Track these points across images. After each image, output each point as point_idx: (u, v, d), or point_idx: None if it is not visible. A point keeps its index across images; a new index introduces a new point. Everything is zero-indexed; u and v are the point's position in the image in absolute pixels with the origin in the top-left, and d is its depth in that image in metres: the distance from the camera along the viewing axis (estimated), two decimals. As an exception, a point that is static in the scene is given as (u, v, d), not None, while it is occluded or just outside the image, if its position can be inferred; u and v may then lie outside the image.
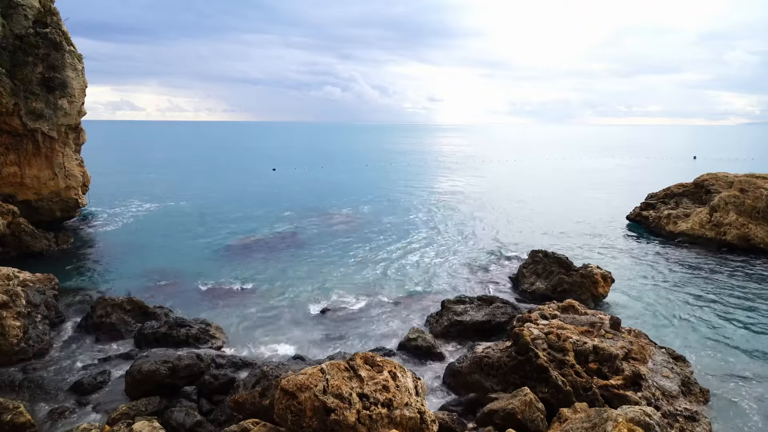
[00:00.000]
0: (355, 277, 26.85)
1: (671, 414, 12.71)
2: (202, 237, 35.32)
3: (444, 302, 21.54)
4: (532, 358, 14.17)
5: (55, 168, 33.82)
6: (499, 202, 50.89)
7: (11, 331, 16.95)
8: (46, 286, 21.09)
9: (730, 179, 35.91)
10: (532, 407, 12.53)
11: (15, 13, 30.75)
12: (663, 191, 40.32)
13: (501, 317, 20.19)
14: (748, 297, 23.67)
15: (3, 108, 29.88)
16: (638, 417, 10.62)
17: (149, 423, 12.15)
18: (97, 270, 27.70)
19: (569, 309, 18.05)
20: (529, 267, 25.90)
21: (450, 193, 58.14)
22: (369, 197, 54.10)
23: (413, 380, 12.13)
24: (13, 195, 32.26)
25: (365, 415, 10.51)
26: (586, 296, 22.57)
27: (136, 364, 15.51)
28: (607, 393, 13.24)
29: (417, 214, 44.89)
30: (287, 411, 10.67)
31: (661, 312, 22.02)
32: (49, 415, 14.06)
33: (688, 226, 34.08)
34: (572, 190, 60.94)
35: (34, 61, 31.21)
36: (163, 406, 14.10)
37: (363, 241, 34.63)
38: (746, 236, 31.22)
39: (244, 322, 20.84)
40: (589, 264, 24.61)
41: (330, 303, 22.89)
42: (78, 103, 33.93)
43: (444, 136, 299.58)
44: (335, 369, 11.34)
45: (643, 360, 14.74)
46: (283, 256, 30.45)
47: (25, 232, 29.35)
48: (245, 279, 26.00)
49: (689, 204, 37.18)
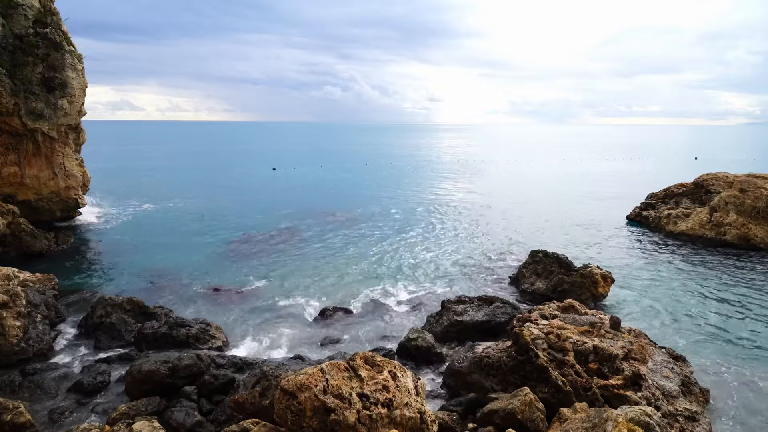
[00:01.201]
0: (355, 277, 26.86)
1: (671, 414, 12.71)
2: (202, 237, 35.32)
3: (444, 302, 21.54)
4: (532, 358, 14.17)
5: (55, 168, 33.82)
6: (498, 202, 50.89)
7: (11, 331, 16.95)
8: (46, 286, 21.10)
9: (730, 179, 35.91)
10: (532, 407, 12.53)
11: (15, 13, 30.75)
12: (663, 191, 40.35)
13: (501, 317, 20.18)
14: (748, 297, 23.67)
15: (3, 108, 29.88)
16: (638, 417, 10.62)
17: (149, 423, 12.15)
18: (97, 270, 27.71)
19: (569, 309, 18.06)
20: (529, 267, 25.90)
21: (450, 193, 58.14)
22: (369, 197, 54.10)
23: (413, 380, 12.14)
24: (13, 195, 32.26)
25: (365, 415, 10.52)
26: (586, 296, 22.57)
27: (136, 364, 15.51)
28: (607, 393, 13.24)
29: (417, 213, 44.89)
30: (287, 411, 10.67)
31: (661, 312, 22.03)
32: (49, 415, 14.06)
33: (688, 226, 34.08)
34: (572, 190, 60.94)
35: (34, 61, 31.21)
36: (163, 406, 14.09)
37: (363, 240, 34.63)
38: (746, 236, 31.23)
39: (244, 322, 20.84)
40: (589, 264, 24.62)
41: (330, 303, 22.89)
42: (78, 103, 33.92)
43: (444, 136, 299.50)
44: (335, 369, 11.34)
45: (643, 360, 14.75)
46: (283, 256, 30.46)
47: (25, 232, 29.34)
48: (245, 279, 26.01)
49: (689, 204, 37.18)
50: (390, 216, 43.72)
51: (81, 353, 18.00)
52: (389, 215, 44.07)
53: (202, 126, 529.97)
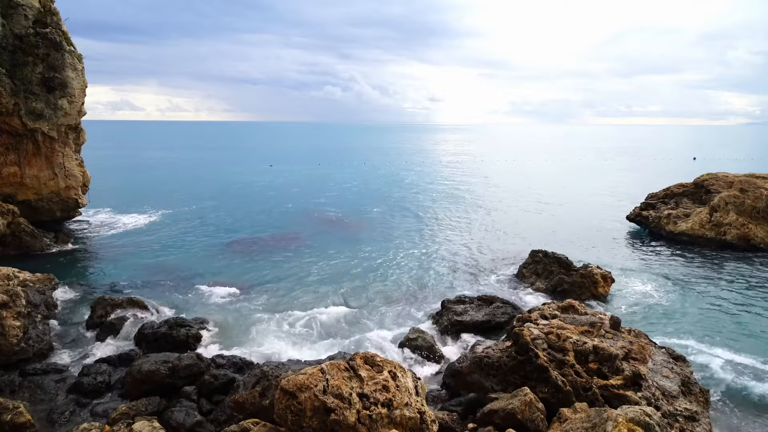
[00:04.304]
0: (356, 276, 26.84)
1: (671, 414, 12.70)
2: (202, 236, 35.32)
3: (444, 302, 21.54)
4: (532, 358, 14.17)
5: (55, 168, 33.80)
6: (499, 202, 50.89)
7: (11, 331, 16.94)
8: (46, 286, 21.10)
9: (730, 179, 35.88)
10: (532, 407, 12.53)
11: (15, 13, 30.72)
12: (663, 191, 40.29)
13: (501, 317, 20.19)
14: (748, 297, 23.66)
15: (3, 108, 29.87)
16: (638, 417, 10.62)
17: (149, 423, 12.16)
18: (97, 270, 27.70)
19: (569, 309, 18.04)
20: (529, 267, 25.91)
21: (449, 192, 58.13)
22: (368, 196, 54.10)
23: (413, 380, 12.14)
24: (13, 195, 32.23)
25: (365, 415, 10.51)
26: (586, 296, 22.58)
27: (136, 364, 15.51)
28: (607, 393, 13.23)
29: (417, 213, 44.88)
30: (287, 411, 10.67)
31: (661, 312, 22.02)
32: (49, 415, 14.06)
33: (688, 226, 34.06)
34: (572, 189, 60.94)
35: (34, 61, 31.19)
36: (163, 406, 14.09)
37: (363, 240, 34.63)
38: (746, 236, 31.22)
39: (244, 322, 20.82)
40: (589, 264, 24.63)
41: (330, 303, 22.87)
42: (78, 103, 33.90)
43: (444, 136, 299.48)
44: (335, 369, 11.34)
45: (643, 360, 14.73)
46: (283, 256, 30.45)
47: (25, 232, 29.34)
48: (245, 279, 25.99)
49: (689, 204, 37.15)
50: (390, 216, 43.71)
51: (81, 353, 18.00)
52: (389, 215, 44.06)
53: (202, 126, 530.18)
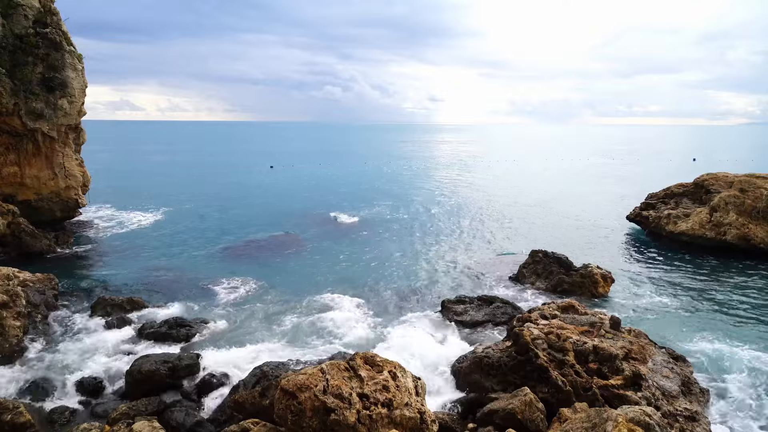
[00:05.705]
0: (356, 276, 26.84)
1: (671, 414, 12.71)
2: (202, 237, 35.32)
3: (444, 302, 21.54)
4: (532, 358, 14.17)
5: (55, 168, 33.80)
6: (498, 202, 50.87)
7: (11, 331, 16.95)
8: (46, 286, 21.10)
9: (730, 179, 35.85)
10: (532, 407, 12.53)
11: (15, 13, 30.71)
12: (663, 191, 40.25)
13: (501, 317, 20.19)
14: (748, 297, 23.66)
15: (3, 108, 29.86)
16: (638, 417, 10.62)
17: (149, 423, 12.16)
18: (97, 270, 27.70)
19: (569, 309, 18.04)
20: (529, 267, 25.90)
21: (449, 192, 58.12)
22: (368, 196, 54.08)
23: (413, 380, 12.14)
24: (13, 195, 32.23)
25: (365, 415, 10.52)
26: (586, 296, 22.59)
27: (136, 364, 15.52)
28: (607, 393, 13.24)
29: (416, 213, 44.87)
30: (287, 411, 10.68)
31: (661, 312, 22.02)
32: (49, 415, 14.06)
33: (688, 226, 34.04)
34: (572, 189, 60.93)
35: (34, 61, 31.18)
36: (163, 406, 14.09)
37: (362, 240, 34.62)
38: (746, 236, 31.20)
39: (244, 322, 20.83)
40: (589, 264, 24.63)
41: (330, 302, 22.85)
42: (78, 103, 33.90)
43: (444, 136, 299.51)
44: (335, 369, 11.35)
45: (643, 360, 14.74)
46: (283, 256, 30.46)
47: (25, 232, 29.34)
48: (245, 279, 25.98)
49: (689, 204, 37.12)
50: (390, 216, 43.70)
51: (81, 353, 17.95)
52: (389, 215, 44.06)
53: (202, 126, 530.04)
